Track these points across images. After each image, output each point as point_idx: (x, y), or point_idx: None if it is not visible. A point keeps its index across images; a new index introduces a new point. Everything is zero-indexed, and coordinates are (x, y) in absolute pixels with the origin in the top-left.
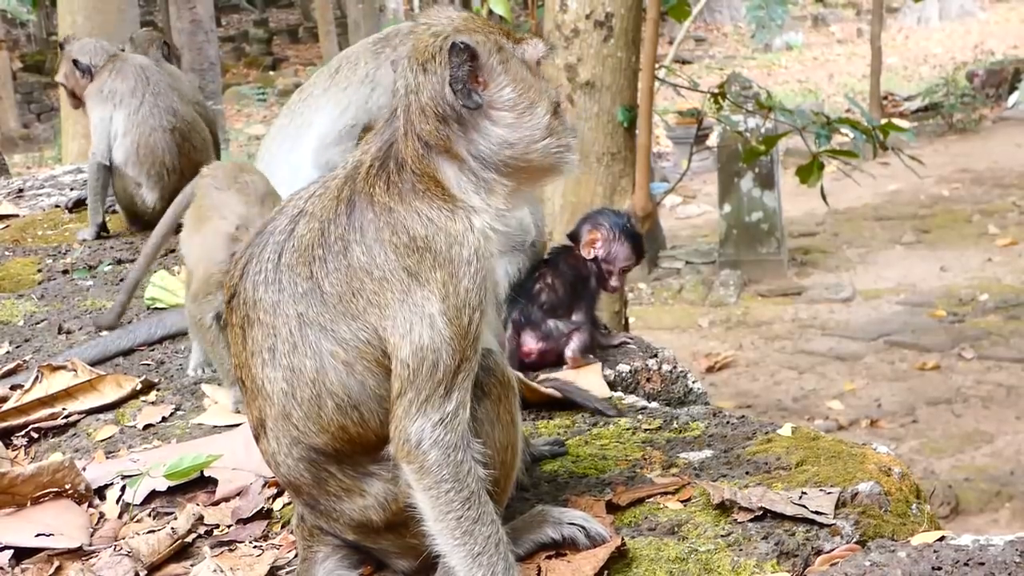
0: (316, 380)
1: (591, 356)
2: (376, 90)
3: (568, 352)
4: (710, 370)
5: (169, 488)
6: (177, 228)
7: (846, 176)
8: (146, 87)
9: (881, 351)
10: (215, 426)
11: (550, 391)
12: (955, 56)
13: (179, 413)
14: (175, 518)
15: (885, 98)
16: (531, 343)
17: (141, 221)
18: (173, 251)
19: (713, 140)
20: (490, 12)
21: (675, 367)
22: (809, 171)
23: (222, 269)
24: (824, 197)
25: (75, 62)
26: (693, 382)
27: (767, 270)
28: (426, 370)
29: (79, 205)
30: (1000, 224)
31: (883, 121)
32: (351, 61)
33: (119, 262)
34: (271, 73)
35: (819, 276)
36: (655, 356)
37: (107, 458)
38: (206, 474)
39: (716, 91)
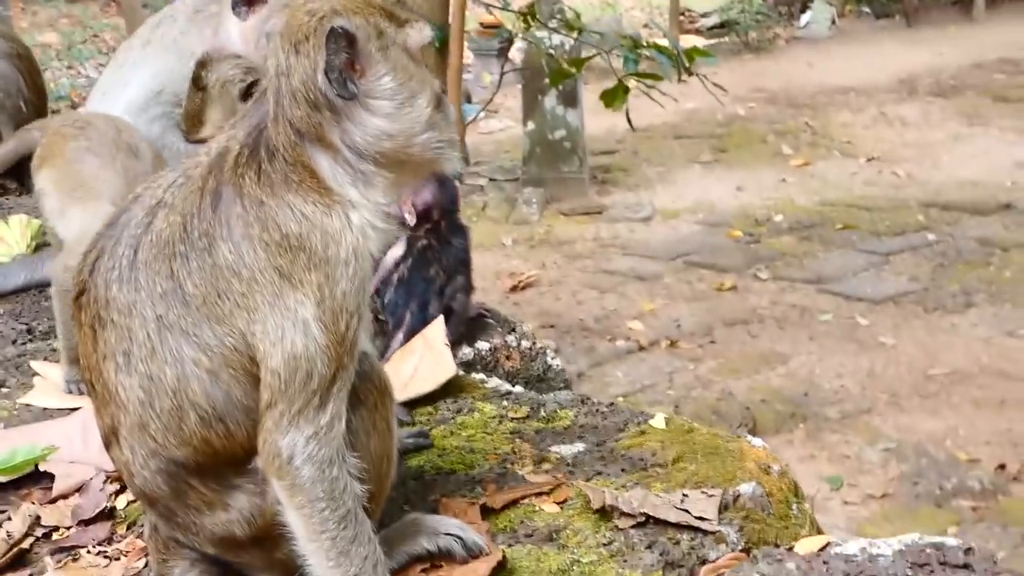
0: (177, 390)
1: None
2: (182, 58)
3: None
4: (514, 289)
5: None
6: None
7: (644, 94)
8: None
9: (680, 271)
10: (46, 408)
11: None
12: None
13: (3, 391)
14: (8, 519)
15: (682, 14)
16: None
17: None
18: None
19: (515, 52)
20: None
21: (534, 343)
22: (614, 95)
23: None
24: (629, 121)
25: None
26: (551, 359)
27: (569, 188)
28: (299, 380)
29: None
30: (793, 145)
31: (689, 46)
32: (171, 18)
33: None
34: None
35: (620, 195)
36: (513, 331)
37: None
38: (41, 468)
39: (525, 11)
